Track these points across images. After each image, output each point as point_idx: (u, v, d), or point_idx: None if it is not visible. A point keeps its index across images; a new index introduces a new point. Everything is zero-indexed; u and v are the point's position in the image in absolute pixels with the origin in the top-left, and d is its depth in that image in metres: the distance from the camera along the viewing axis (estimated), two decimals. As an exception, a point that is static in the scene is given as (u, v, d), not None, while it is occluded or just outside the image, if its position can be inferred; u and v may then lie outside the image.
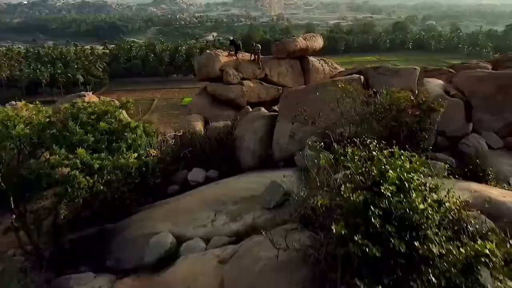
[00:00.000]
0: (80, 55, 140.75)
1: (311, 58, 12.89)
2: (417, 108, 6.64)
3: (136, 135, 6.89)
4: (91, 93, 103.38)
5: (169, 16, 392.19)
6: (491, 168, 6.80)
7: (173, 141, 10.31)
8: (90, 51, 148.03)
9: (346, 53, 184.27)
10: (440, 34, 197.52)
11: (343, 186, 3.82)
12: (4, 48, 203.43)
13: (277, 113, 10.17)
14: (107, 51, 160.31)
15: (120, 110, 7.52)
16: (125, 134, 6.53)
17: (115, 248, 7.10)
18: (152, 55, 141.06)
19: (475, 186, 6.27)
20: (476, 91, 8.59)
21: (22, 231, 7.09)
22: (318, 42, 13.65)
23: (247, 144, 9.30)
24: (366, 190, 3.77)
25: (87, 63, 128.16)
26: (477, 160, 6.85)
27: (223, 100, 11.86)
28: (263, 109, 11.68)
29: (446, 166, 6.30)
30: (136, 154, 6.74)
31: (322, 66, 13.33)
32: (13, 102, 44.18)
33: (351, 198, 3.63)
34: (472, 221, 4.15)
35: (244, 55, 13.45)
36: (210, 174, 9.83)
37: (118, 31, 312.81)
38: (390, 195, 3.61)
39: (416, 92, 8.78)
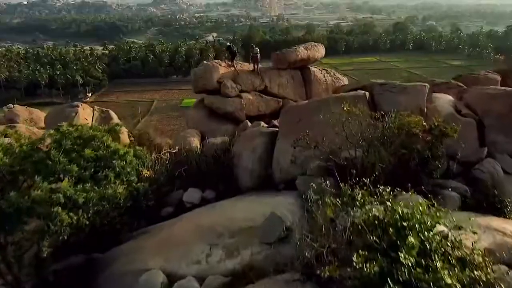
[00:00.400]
0: (79, 56, 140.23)
1: (313, 69, 12.34)
2: (429, 133, 6.13)
3: (126, 162, 6.37)
4: (90, 94, 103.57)
5: (169, 16, 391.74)
6: (509, 200, 6.28)
7: (168, 158, 9.76)
8: (89, 52, 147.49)
9: (346, 54, 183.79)
10: (441, 35, 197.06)
11: (355, 257, 3.28)
12: (3, 48, 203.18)
13: (277, 129, 9.63)
14: (107, 51, 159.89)
15: (108, 134, 6.98)
16: (114, 161, 6.02)
17: (103, 282, 6.60)
18: (151, 56, 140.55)
19: (495, 223, 5.74)
20: (489, 110, 8.05)
21: (2, 263, 6.58)
22: (320, 52, 13.11)
23: (245, 163, 8.80)
24: (382, 255, 3.26)
25: (86, 64, 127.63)
26: (494, 190, 6.35)
27: (221, 113, 11.31)
28: (262, 123, 11.16)
29: (461, 197, 5.82)
30: (124, 185, 6.21)
31: (324, 77, 12.80)
32: (11, 105, 43.59)
33: (365, 270, 3.12)
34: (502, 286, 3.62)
35: (243, 66, 12.88)
36: (207, 195, 9.31)
37: (118, 32, 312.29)
38: (411, 264, 3.11)
39: (426, 111, 8.26)
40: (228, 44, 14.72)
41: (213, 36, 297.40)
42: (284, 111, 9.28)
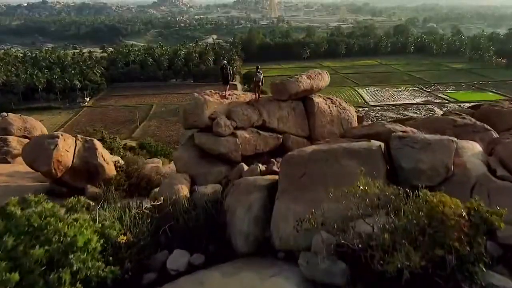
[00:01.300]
0: (77, 59, 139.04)
1: (316, 99, 11.00)
2: (467, 220, 4.86)
3: (87, 252, 5.08)
4: (88, 99, 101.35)
5: (169, 18, 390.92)
6: None
7: (151, 213, 8.45)
8: (88, 55, 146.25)
9: (347, 56, 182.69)
10: (442, 38, 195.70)
11: None
12: (2, 51, 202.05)
13: (277, 177, 8.33)
14: (106, 54, 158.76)
15: (69, 215, 5.66)
16: (70, 256, 4.75)
17: None
18: (150, 59, 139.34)
19: None
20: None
21: None
22: (325, 80, 11.76)
23: (239, 224, 7.52)
24: None
25: (84, 67, 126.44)
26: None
27: (214, 154, 10.00)
28: (259, 166, 9.83)
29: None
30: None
31: (329, 108, 11.45)
32: (4, 114, 41.99)
33: None
34: None
35: (239, 97, 11.50)
36: (194, 261, 7.99)
37: (118, 34, 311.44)
38: None
39: (453, 169, 6.95)
40: (223, 64, 13.01)
41: (213, 38, 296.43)
42: (285, 160, 7.97)
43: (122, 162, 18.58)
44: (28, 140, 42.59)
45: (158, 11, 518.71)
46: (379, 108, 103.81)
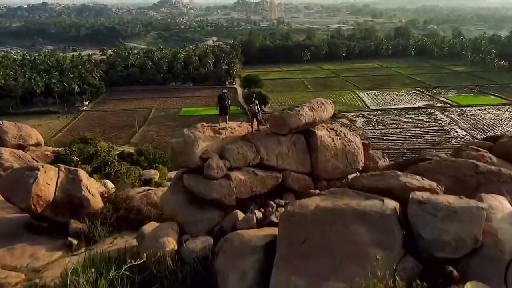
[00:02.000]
0: (76, 62, 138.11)
1: (319, 133, 9.90)
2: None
3: None
4: (86, 103, 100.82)
5: (169, 20, 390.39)
6: None
7: (131, 275, 7.38)
8: (87, 58, 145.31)
9: (348, 59, 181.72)
10: (443, 40, 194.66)
11: None
12: (1, 54, 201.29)
13: (275, 234, 7.30)
14: (105, 57, 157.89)
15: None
16: None
17: None
18: (150, 62, 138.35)
19: None
20: None
21: None
22: (328, 111, 10.69)
23: (231, 295, 6.44)
24: None
25: (83, 71, 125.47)
26: None
27: (205, 198, 8.94)
28: (256, 214, 8.75)
29: None
30: None
31: (333, 141, 10.37)
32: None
33: None
34: None
35: (235, 130, 10.43)
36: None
37: (118, 35, 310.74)
38: None
39: (481, 240, 5.88)
40: (221, 93, 11.82)
41: (213, 40, 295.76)
42: (284, 218, 6.95)
43: (111, 185, 17.49)
44: (21, 153, 41.18)
45: (158, 12, 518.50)
46: (380, 112, 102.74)
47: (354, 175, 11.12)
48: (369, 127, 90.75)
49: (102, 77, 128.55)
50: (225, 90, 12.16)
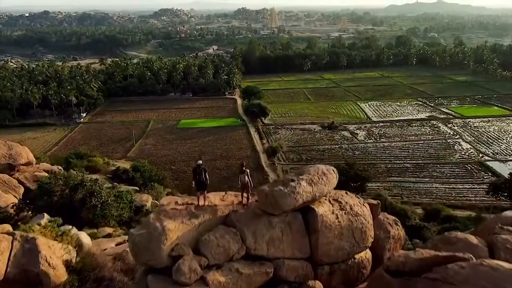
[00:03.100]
0: (75, 73, 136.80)
1: (320, 210, 7.98)
2: None
3: None
4: (84, 115, 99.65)
5: (170, 28, 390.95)
6: None
7: None
8: (85, 69, 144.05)
9: (349, 68, 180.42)
10: (444, 49, 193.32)
11: None
12: (1, 63, 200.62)
13: None
14: (104, 67, 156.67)
15: None
16: None
17: None
18: (149, 73, 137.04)
19: None
20: None
21: None
22: (331, 183, 8.76)
23: None
24: None
25: (81, 82, 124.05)
26: None
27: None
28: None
29: None
30: None
31: (337, 217, 8.48)
32: (-11, 140, 39.19)
33: None
34: None
35: (217, 207, 8.50)
36: None
37: (118, 44, 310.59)
38: None
39: None
40: (196, 164, 9.85)
41: (213, 49, 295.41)
42: None
43: (86, 241, 15.56)
44: (6, 177, 39.34)
45: (159, 21, 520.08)
46: (382, 124, 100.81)
47: (363, 253, 9.26)
48: (371, 140, 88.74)
49: (100, 88, 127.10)
50: (200, 162, 10.20)
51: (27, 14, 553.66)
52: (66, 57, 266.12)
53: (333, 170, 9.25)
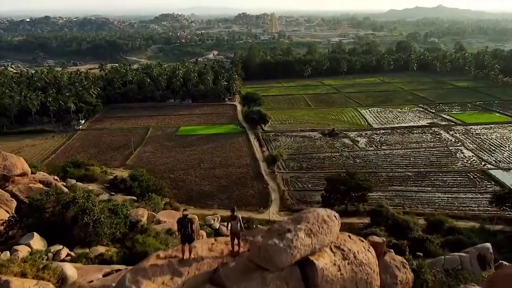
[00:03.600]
0: (74, 79, 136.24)
1: (321, 263, 7.06)
2: None
3: None
4: (83, 121, 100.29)
5: (170, 33, 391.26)
6: None
7: None
8: (85, 75, 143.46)
9: (349, 74, 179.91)
10: (445, 55, 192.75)
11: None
12: (1, 68, 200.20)
13: None
14: (103, 73, 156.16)
15: None
16: None
17: None
18: (148, 79, 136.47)
19: None
20: None
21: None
22: (333, 232, 7.83)
23: None
24: None
25: (80, 88, 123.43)
26: None
27: None
28: None
29: None
30: None
31: (340, 269, 7.56)
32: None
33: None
34: None
35: (202, 264, 7.57)
36: None
37: (118, 50, 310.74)
38: None
39: None
40: (180, 218, 8.65)
41: (213, 54, 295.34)
42: None
43: (71, 272, 14.61)
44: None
45: (160, 26, 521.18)
46: (383, 131, 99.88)
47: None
48: (372, 148, 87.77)
49: (99, 94, 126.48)
50: (187, 212, 9.10)
51: (28, 19, 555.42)
52: (66, 63, 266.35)
53: (335, 216, 8.30)
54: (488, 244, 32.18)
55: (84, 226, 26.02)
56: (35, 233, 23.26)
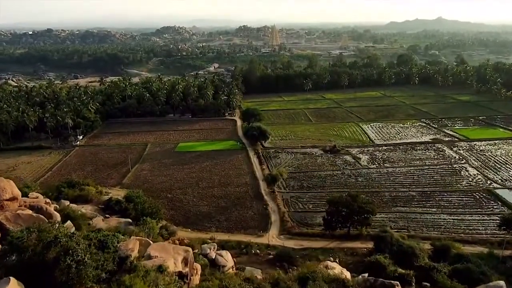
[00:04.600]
0: (72, 94, 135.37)
1: None
2: None
3: None
4: (80, 137, 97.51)
5: (171, 46, 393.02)
6: None
7: None
8: (84, 90, 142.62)
9: (350, 87, 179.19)
10: (446, 68, 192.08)
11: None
12: (2, 81, 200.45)
13: None
14: (103, 87, 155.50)
15: None
16: None
17: None
18: (147, 94, 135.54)
19: None
20: None
21: None
22: None
23: None
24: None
25: (79, 104, 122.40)
26: None
27: None
28: None
29: None
30: None
31: None
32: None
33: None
34: None
35: None
36: None
37: (119, 62, 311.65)
38: None
39: None
40: None
41: (214, 67, 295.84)
42: None
43: None
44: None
45: (161, 38, 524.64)
46: (385, 147, 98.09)
47: None
48: (374, 166, 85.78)
49: (98, 109, 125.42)
50: None
51: (31, 32, 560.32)
52: (66, 77, 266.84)
53: None
54: (502, 283, 30.13)
55: (67, 268, 24.05)
56: (11, 278, 21.50)
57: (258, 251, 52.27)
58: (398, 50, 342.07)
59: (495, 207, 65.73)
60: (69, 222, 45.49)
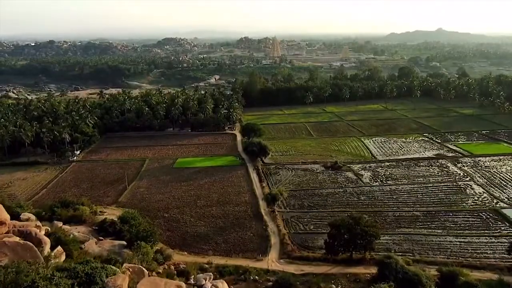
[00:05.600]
0: (71, 108, 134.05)
1: None
2: None
3: None
4: (78, 152, 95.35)
5: (172, 57, 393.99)
6: None
7: None
8: (82, 104, 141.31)
9: (351, 100, 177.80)
10: (448, 81, 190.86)
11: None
12: (2, 93, 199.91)
13: None
14: (102, 100, 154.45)
15: None
16: None
17: None
18: (147, 108, 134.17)
19: None
20: None
21: None
22: None
23: None
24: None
25: (77, 118, 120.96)
26: None
27: None
28: None
29: None
30: None
31: None
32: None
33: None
34: None
35: None
36: None
37: (121, 74, 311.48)
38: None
39: None
40: None
41: (215, 79, 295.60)
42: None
43: None
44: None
45: (163, 50, 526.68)
46: (388, 163, 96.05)
47: None
48: (377, 183, 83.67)
49: (97, 123, 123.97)
50: None
51: (33, 44, 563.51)
52: (65, 89, 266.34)
53: None
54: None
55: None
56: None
57: (257, 277, 50.00)
58: (399, 61, 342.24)
59: (502, 228, 63.38)
60: (59, 247, 43.40)
